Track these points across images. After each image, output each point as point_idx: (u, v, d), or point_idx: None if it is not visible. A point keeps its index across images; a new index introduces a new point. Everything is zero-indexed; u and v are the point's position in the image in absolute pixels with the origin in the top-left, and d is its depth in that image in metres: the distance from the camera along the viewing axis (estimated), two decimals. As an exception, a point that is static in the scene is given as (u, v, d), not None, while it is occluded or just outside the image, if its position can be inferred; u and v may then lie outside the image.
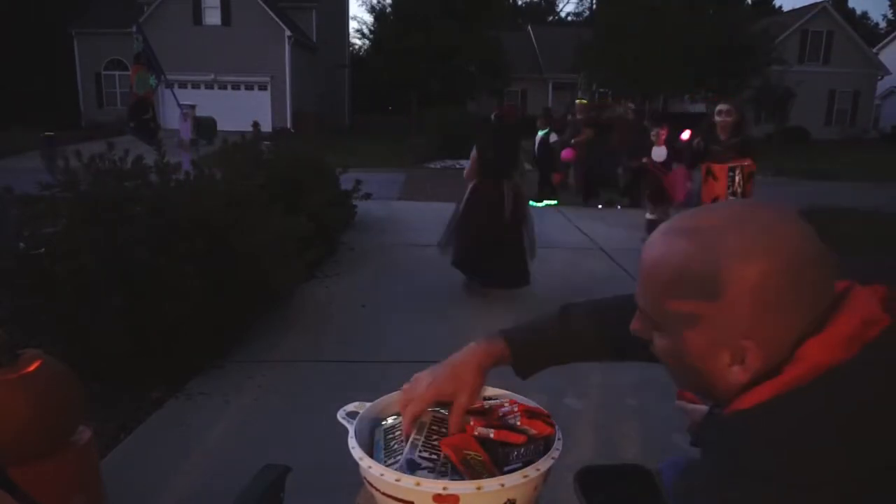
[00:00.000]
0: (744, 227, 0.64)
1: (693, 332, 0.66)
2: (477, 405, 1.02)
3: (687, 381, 0.73)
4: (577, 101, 11.02)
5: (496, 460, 0.91)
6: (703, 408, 1.12)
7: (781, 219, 0.64)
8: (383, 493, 0.86)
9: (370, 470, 0.86)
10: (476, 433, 0.92)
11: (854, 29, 31.71)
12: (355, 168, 6.88)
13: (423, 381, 0.96)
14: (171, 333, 3.00)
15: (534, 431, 0.94)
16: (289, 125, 23.20)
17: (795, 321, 0.63)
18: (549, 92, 32.98)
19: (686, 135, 6.44)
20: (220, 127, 15.52)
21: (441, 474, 0.87)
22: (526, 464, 0.89)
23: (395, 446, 0.97)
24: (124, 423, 2.71)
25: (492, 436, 0.92)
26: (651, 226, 6.23)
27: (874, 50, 32.25)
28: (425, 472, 0.88)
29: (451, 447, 0.90)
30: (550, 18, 51.58)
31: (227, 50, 24.02)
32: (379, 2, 28.21)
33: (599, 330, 1.03)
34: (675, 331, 0.68)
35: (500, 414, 0.99)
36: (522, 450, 0.93)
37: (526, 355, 1.03)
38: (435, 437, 0.96)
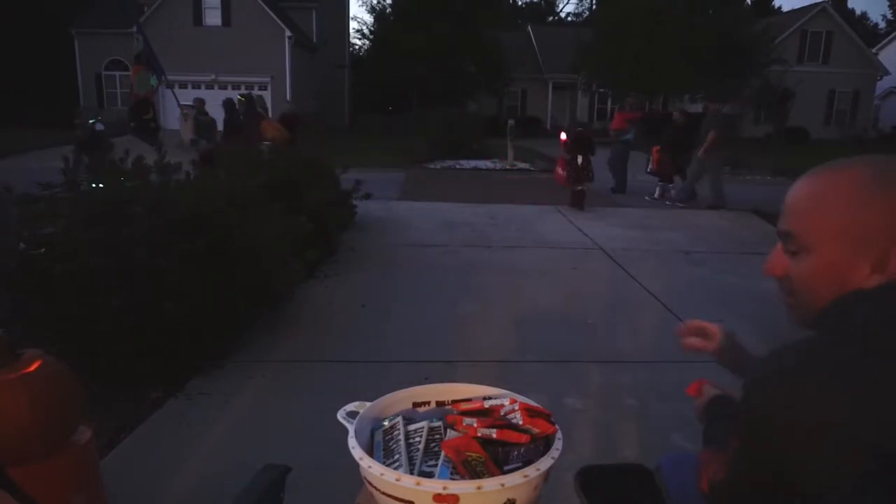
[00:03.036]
0: (884, 175, 0.79)
1: (841, 246, 0.79)
2: (477, 405, 1.03)
3: (820, 295, 0.82)
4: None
5: (497, 460, 0.91)
6: (715, 391, 1.13)
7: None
8: (383, 493, 0.86)
9: (370, 470, 0.86)
10: (479, 434, 0.92)
11: (853, 29, 31.71)
12: (355, 168, 6.88)
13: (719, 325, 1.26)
14: (171, 333, 3.00)
15: (536, 430, 0.94)
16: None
17: None
18: (549, 92, 32.98)
19: None
20: (220, 127, 15.50)
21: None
22: (526, 463, 0.89)
23: (393, 446, 0.97)
24: (124, 423, 2.71)
25: (494, 435, 0.92)
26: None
27: (874, 50, 32.26)
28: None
29: (452, 448, 0.90)
30: (550, 18, 51.57)
31: (227, 50, 24.02)
32: (379, 2, 28.24)
33: None
34: (822, 248, 0.81)
35: (502, 413, 0.99)
36: (523, 449, 0.93)
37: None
38: (433, 445, 0.97)
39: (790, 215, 0.85)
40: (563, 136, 8.96)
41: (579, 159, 8.54)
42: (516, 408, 0.98)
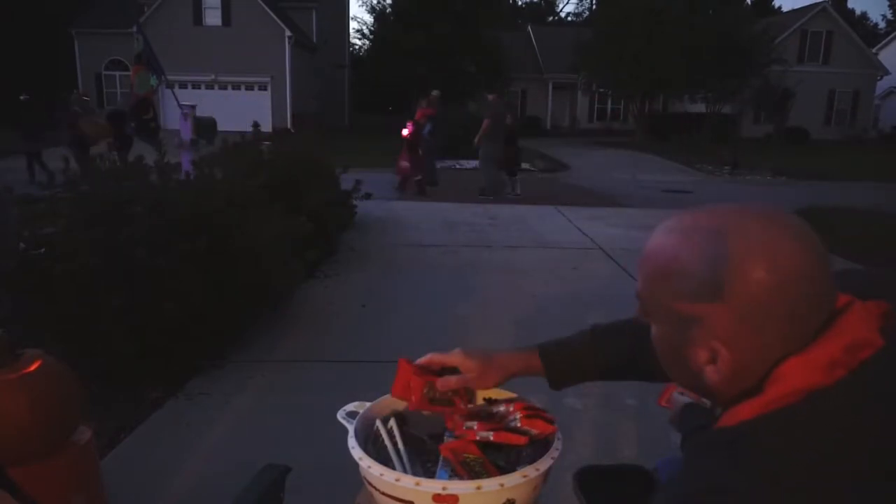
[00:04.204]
0: (746, 236, 0.63)
1: (678, 324, 0.67)
2: (475, 408, 1.03)
3: (674, 372, 0.73)
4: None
5: (495, 461, 0.91)
6: (686, 399, 1.14)
7: (783, 230, 0.63)
8: (383, 493, 0.86)
9: (370, 470, 0.86)
10: (477, 438, 0.93)
11: (853, 29, 31.72)
12: (355, 168, 6.88)
13: (458, 351, 1.04)
14: (171, 333, 3.00)
15: (535, 431, 0.94)
16: (289, 125, 23.18)
17: (778, 339, 0.62)
18: (549, 92, 32.99)
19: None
20: (220, 127, 15.51)
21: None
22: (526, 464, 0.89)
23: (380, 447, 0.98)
24: (124, 423, 2.71)
25: (491, 438, 0.92)
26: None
27: (874, 50, 32.26)
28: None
29: (450, 450, 0.90)
30: (550, 18, 51.59)
31: (227, 50, 24.02)
32: (379, 2, 28.24)
33: (626, 348, 1.08)
34: (664, 321, 0.70)
35: (499, 417, 0.99)
36: (523, 452, 0.93)
37: (557, 368, 1.08)
38: (427, 460, 0.97)
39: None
40: (406, 131, 10.09)
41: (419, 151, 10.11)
42: (512, 408, 0.98)
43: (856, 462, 0.57)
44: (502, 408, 1.00)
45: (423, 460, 0.99)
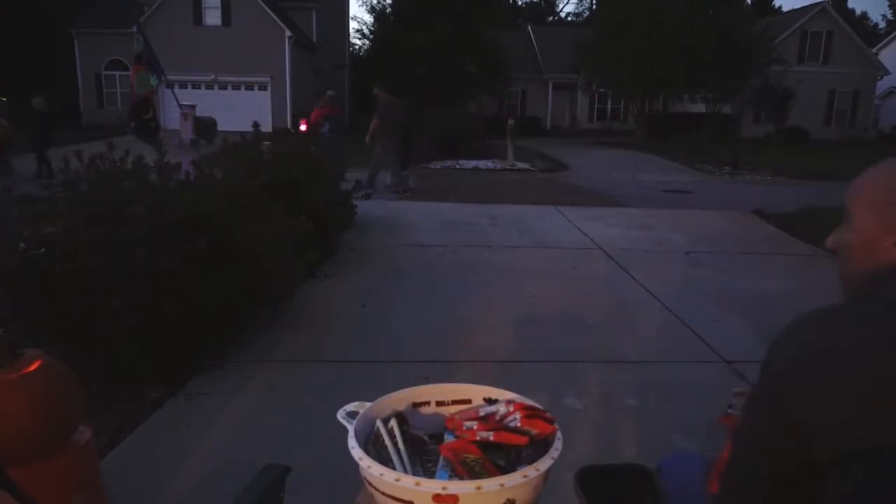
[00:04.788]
0: None
1: (871, 216, 0.88)
2: (472, 413, 1.03)
3: (850, 267, 0.91)
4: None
5: (495, 461, 0.91)
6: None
7: None
8: (383, 493, 0.86)
9: (370, 470, 0.86)
10: (477, 438, 0.93)
11: (853, 29, 31.71)
12: (355, 168, 6.88)
13: None
14: (171, 333, 3.00)
15: (535, 431, 0.94)
16: (289, 125, 23.17)
17: None
18: (549, 92, 32.98)
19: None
20: (220, 127, 15.55)
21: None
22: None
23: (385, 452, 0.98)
24: (124, 423, 2.71)
25: (491, 438, 0.92)
26: None
27: (874, 50, 32.25)
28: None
29: (450, 450, 0.90)
30: (550, 18, 51.56)
31: (227, 50, 24.01)
32: (379, 2, 28.20)
33: None
34: (859, 218, 0.89)
35: (498, 418, 0.99)
36: (523, 452, 0.93)
37: None
38: (427, 460, 0.97)
39: (847, 192, 0.94)
40: (303, 127, 10.28)
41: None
42: (512, 409, 0.98)
43: None
44: (502, 408, 1.00)
45: (423, 460, 0.98)
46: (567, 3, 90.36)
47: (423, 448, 1.01)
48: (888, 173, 0.89)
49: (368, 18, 39.93)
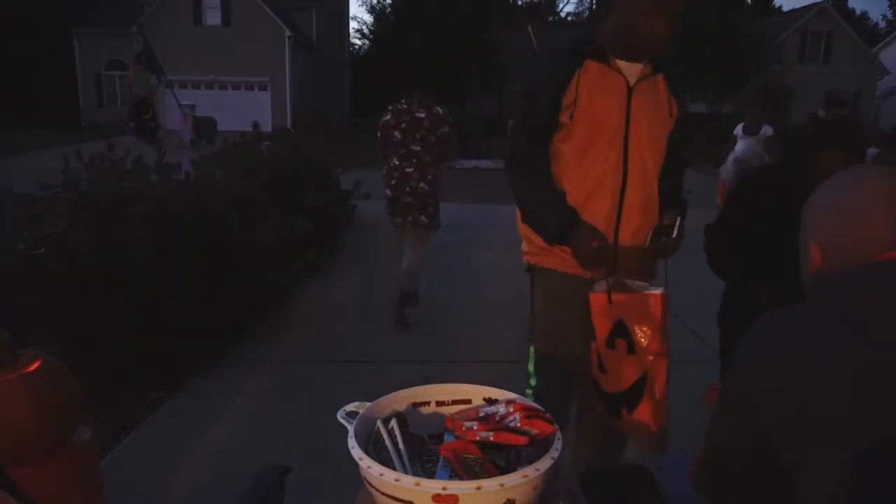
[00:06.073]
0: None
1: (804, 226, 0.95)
2: (472, 413, 1.03)
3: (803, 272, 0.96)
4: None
5: (495, 461, 0.91)
6: None
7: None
8: (383, 493, 0.86)
9: (370, 470, 0.86)
10: (477, 438, 0.92)
11: (854, 29, 31.70)
12: (355, 168, 6.88)
13: None
14: (171, 333, 3.00)
15: (535, 432, 0.94)
16: (289, 125, 23.18)
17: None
18: (549, 92, 32.94)
19: None
20: (220, 127, 15.58)
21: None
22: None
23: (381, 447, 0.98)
24: (124, 423, 2.71)
25: (491, 438, 0.92)
26: None
27: (874, 50, 32.24)
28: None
29: (450, 450, 0.90)
30: (550, 18, 51.55)
31: (227, 50, 24.00)
32: (379, 2, 28.21)
33: None
34: (804, 228, 0.96)
35: (498, 418, 0.99)
36: (523, 452, 0.93)
37: None
38: (427, 461, 0.97)
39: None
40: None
41: None
42: (512, 409, 0.98)
43: None
44: (502, 408, 1.00)
45: (423, 460, 0.98)
46: (567, 3, 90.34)
47: (423, 448, 1.01)
48: (828, 190, 0.94)
49: (368, 18, 40.00)
